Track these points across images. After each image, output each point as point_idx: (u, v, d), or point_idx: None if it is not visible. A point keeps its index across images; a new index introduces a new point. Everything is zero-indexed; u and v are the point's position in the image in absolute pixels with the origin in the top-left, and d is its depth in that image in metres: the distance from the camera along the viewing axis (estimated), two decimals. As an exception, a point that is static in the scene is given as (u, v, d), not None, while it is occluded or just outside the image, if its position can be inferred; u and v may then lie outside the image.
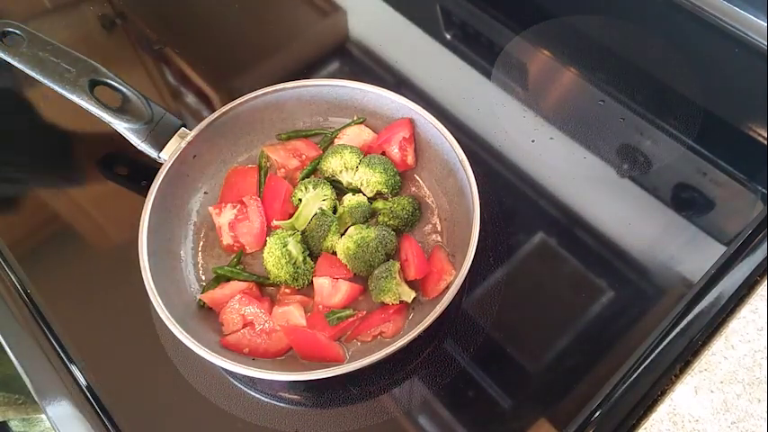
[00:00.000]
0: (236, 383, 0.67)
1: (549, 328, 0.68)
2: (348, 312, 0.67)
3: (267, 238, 0.70)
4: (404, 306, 0.67)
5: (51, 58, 0.72)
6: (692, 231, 0.74)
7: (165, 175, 0.71)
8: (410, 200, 0.73)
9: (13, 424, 1.16)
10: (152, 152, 0.74)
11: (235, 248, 0.73)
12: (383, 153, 0.76)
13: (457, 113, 0.85)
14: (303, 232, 0.72)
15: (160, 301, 0.63)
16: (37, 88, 0.91)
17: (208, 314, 0.69)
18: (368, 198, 0.74)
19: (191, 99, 0.92)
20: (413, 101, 0.75)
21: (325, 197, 0.73)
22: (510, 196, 0.78)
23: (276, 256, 0.68)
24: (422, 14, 0.97)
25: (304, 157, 0.78)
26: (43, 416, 1.11)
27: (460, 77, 0.89)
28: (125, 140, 0.74)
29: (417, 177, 0.78)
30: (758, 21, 0.87)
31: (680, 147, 0.80)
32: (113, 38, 1.01)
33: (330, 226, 0.70)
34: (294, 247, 0.69)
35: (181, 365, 0.67)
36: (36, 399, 0.67)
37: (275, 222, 0.73)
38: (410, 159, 0.77)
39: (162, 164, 0.72)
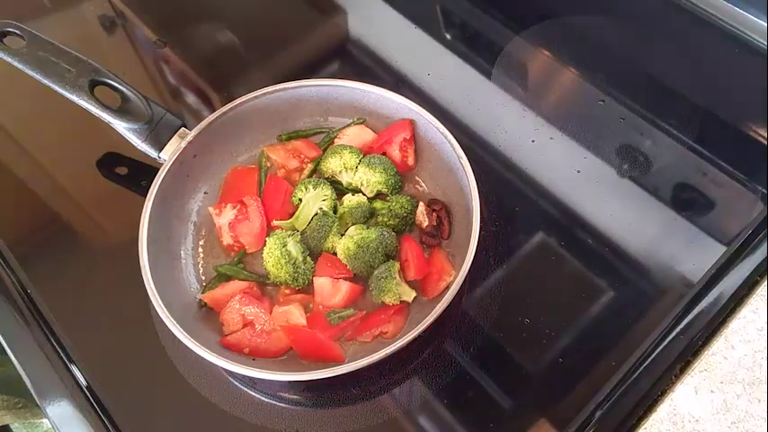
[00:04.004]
0: (236, 383, 0.67)
1: (549, 328, 0.68)
2: (349, 312, 0.67)
3: (267, 239, 0.70)
4: (404, 306, 0.67)
5: (51, 58, 0.72)
6: (692, 231, 0.74)
7: (165, 175, 0.71)
8: (409, 199, 0.73)
9: (14, 426, 1.16)
10: (152, 152, 0.74)
11: (235, 248, 0.73)
12: (383, 154, 0.76)
13: (457, 113, 0.85)
14: (303, 232, 0.72)
15: (160, 302, 0.63)
16: (37, 88, 0.91)
17: (208, 314, 0.69)
18: (368, 198, 0.74)
19: (191, 99, 0.92)
20: (413, 101, 0.75)
21: (325, 197, 0.73)
22: (510, 196, 0.78)
23: (276, 257, 0.68)
24: (422, 14, 0.97)
25: (304, 157, 0.78)
26: (44, 420, 1.11)
27: (460, 77, 0.89)
28: (125, 140, 0.74)
29: (417, 177, 0.78)
30: (758, 21, 0.87)
31: (680, 147, 0.80)
32: (113, 38, 1.01)
33: (331, 227, 0.70)
34: (294, 247, 0.69)
35: (181, 365, 0.67)
36: (36, 399, 0.67)
37: (275, 222, 0.73)
38: (410, 160, 0.77)
39: (162, 164, 0.72)
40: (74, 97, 0.72)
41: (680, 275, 0.71)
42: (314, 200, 0.73)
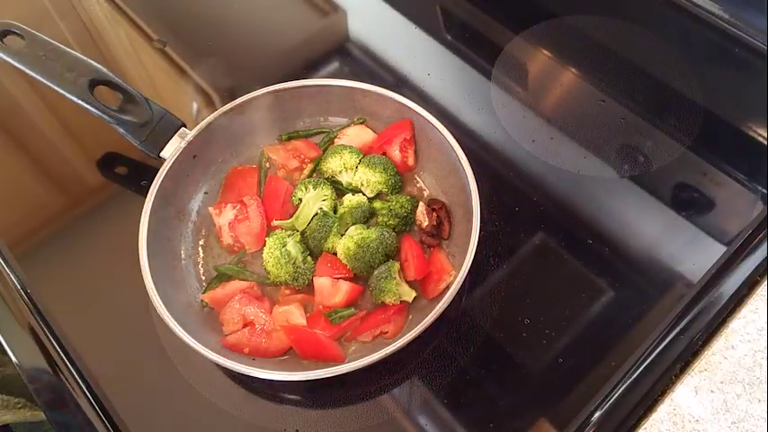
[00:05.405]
0: (236, 383, 0.67)
1: (549, 328, 0.68)
2: (350, 311, 0.67)
3: (267, 239, 0.70)
4: (404, 306, 0.67)
5: (51, 58, 0.72)
6: (692, 231, 0.74)
7: (165, 175, 0.71)
8: (409, 199, 0.73)
9: (14, 426, 1.16)
10: (152, 152, 0.74)
11: (235, 249, 0.73)
12: (384, 154, 0.76)
13: (457, 113, 0.85)
14: (303, 232, 0.72)
15: (160, 301, 0.63)
16: (37, 88, 0.91)
17: (208, 314, 0.69)
18: (368, 198, 0.74)
19: (191, 99, 0.92)
20: (413, 101, 0.75)
21: (325, 197, 0.73)
22: (510, 196, 0.78)
23: (276, 257, 0.68)
24: (422, 14, 0.97)
25: (304, 157, 0.78)
26: (44, 420, 1.10)
27: (460, 77, 0.89)
28: (125, 140, 0.74)
29: (417, 177, 0.78)
30: (758, 21, 0.87)
31: (680, 147, 0.80)
32: (113, 38, 1.01)
33: (331, 227, 0.70)
34: (293, 247, 0.69)
35: (181, 365, 0.67)
36: (36, 399, 0.67)
37: (275, 222, 0.73)
38: (411, 161, 0.77)
39: (162, 164, 0.72)
40: (74, 97, 0.72)
41: (680, 275, 0.71)
42: (314, 200, 0.73)
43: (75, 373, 0.68)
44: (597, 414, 0.63)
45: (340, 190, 0.76)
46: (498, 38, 0.92)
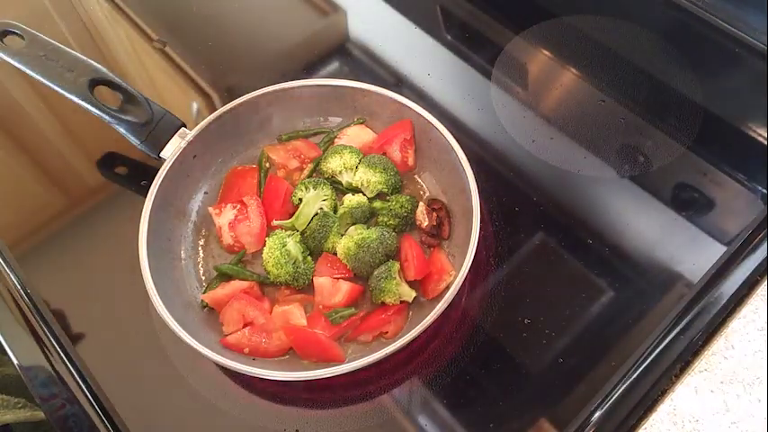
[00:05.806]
0: (236, 383, 0.67)
1: (549, 328, 0.68)
2: (351, 311, 0.67)
3: (267, 239, 0.70)
4: (404, 306, 0.67)
5: (51, 58, 0.72)
6: (692, 231, 0.74)
7: (165, 175, 0.71)
8: (409, 199, 0.73)
9: (14, 425, 1.16)
10: (152, 152, 0.74)
11: (235, 249, 0.73)
12: (384, 154, 0.76)
13: (457, 113, 0.85)
14: (303, 232, 0.72)
15: (160, 301, 0.63)
16: (37, 88, 0.91)
17: (208, 314, 0.69)
18: (368, 198, 0.74)
19: (191, 99, 0.92)
20: (413, 101, 0.75)
21: (325, 197, 0.73)
22: (510, 196, 0.78)
23: (276, 257, 0.68)
24: (422, 14, 0.97)
25: (304, 157, 0.78)
26: (44, 419, 1.10)
27: (460, 77, 0.89)
28: (125, 140, 0.74)
29: (417, 177, 0.78)
30: (758, 21, 0.87)
31: (680, 147, 0.80)
32: (113, 38, 1.01)
33: (332, 227, 0.70)
34: (293, 247, 0.69)
35: (181, 365, 0.67)
36: (36, 398, 0.67)
37: (275, 222, 0.73)
38: (411, 161, 0.77)
39: (162, 164, 0.72)
40: (74, 97, 0.72)
41: (680, 275, 0.71)
42: (314, 200, 0.73)
43: (75, 373, 0.68)
44: (597, 414, 0.63)
45: (340, 190, 0.76)
46: (498, 38, 0.92)
